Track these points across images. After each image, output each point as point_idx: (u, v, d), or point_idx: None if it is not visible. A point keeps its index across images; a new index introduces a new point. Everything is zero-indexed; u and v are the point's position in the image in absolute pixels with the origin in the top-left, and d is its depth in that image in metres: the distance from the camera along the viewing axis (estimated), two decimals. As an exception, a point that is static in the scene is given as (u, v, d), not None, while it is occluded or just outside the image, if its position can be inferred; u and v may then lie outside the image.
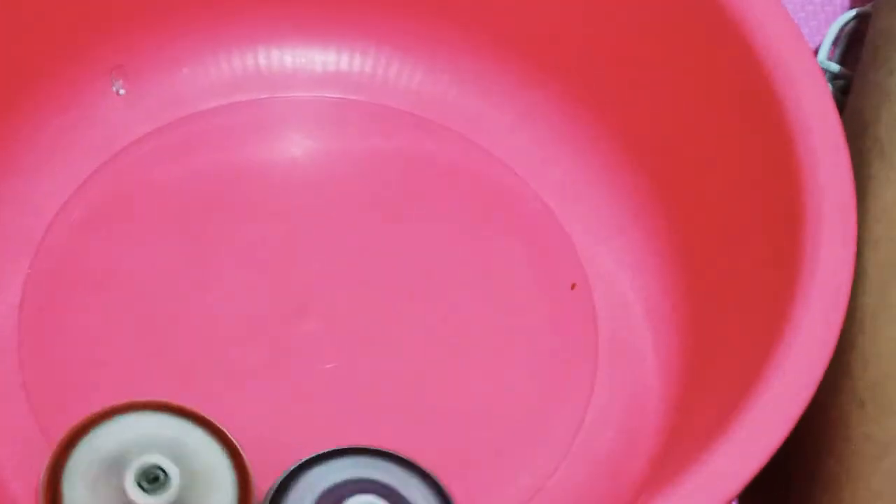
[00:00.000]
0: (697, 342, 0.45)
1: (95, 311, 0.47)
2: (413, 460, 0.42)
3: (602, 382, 0.46)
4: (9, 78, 0.47)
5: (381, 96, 0.51)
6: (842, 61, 0.54)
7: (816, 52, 0.53)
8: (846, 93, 0.52)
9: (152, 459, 0.40)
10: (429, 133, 0.51)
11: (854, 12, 0.54)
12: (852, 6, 0.56)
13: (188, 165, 0.50)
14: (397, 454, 0.42)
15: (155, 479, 0.40)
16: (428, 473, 0.42)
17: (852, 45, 0.54)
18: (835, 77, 0.53)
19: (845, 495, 0.40)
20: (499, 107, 0.51)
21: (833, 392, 0.41)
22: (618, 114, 0.49)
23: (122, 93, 0.50)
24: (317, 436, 0.43)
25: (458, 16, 0.50)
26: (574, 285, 0.48)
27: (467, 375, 0.46)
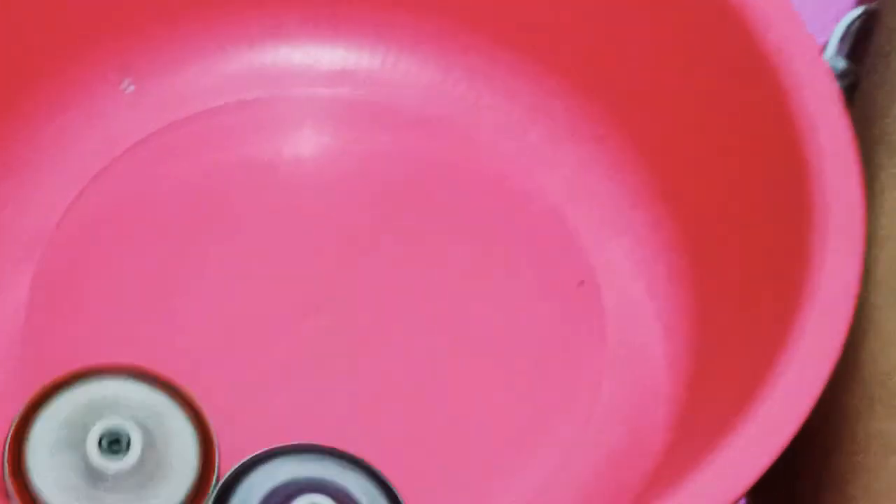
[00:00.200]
0: (705, 340, 0.45)
1: (101, 311, 0.47)
2: (358, 457, 0.42)
3: (609, 380, 0.46)
4: (14, 75, 0.47)
5: (389, 94, 0.51)
6: (849, 58, 0.54)
7: (823, 49, 0.53)
8: (854, 90, 0.51)
9: (114, 423, 0.40)
10: (437, 131, 0.51)
11: (861, 9, 0.54)
12: (860, 3, 0.56)
13: (195, 164, 0.50)
14: (342, 451, 0.42)
15: (116, 443, 0.40)
16: (374, 470, 0.42)
17: (860, 41, 0.54)
18: (842, 74, 0.53)
19: (854, 492, 0.40)
20: (506, 105, 0.51)
21: (841, 389, 0.41)
22: (625, 112, 0.49)
23: (131, 90, 0.50)
24: (325, 434, 0.43)
25: (466, 14, 0.50)
26: (582, 283, 0.48)
27: (474, 373, 0.46)
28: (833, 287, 0.39)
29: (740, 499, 0.36)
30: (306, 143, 0.51)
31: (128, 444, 0.40)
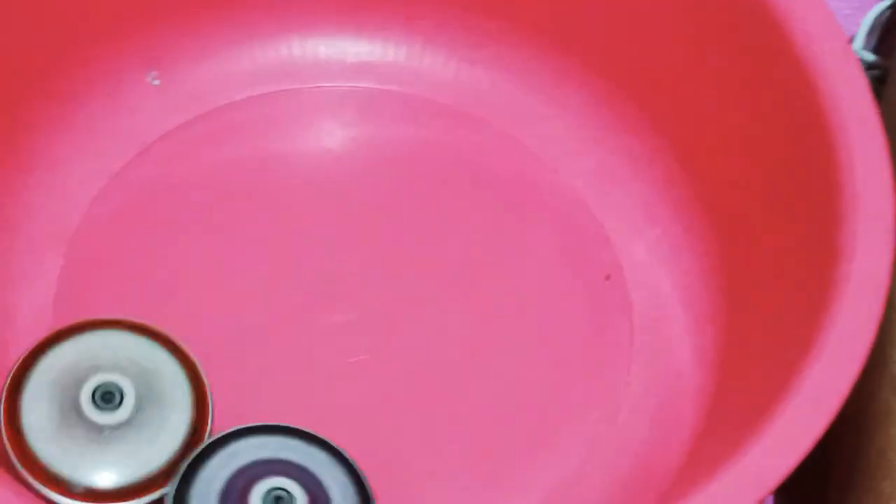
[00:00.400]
0: (734, 333, 0.45)
1: (127, 300, 0.47)
2: (325, 438, 0.42)
3: (637, 373, 0.46)
4: (44, 68, 0.47)
5: (414, 86, 0.51)
6: (877, 50, 0.53)
7: (851, 42, 0.53)
8: (882, 82, 0.51)
9: (108, 378, 0.41)
10: (461, 123, 0.51)
11: (890, 1, 0.54)
12: (887, -5, 0.55)
13: (221, 156, 0.50)
14: (309, 431, 0.42)
15: (110, 397, 0.41)
16: (339, 451, 0.42)
17: (888, 34, 0.54)
18: (870, 66, 0.52)
19: (885, 486, 0.40)
20: (532, 96, 0.51)
21: (872, 385, 0.41)
22: (651, 104, 0.49)
23: (157, 83, 0.50)
24: (345, 426, 0.43)
25: (491, 5, 0.50)
26: (608, 276, 0.48)
27: (500, 366, 0.46)
28: (863, 280, 0.38)
29: (768, 496, 0.36)
30: (330, 136, 0.51)
31: (121, 397, 0.41)
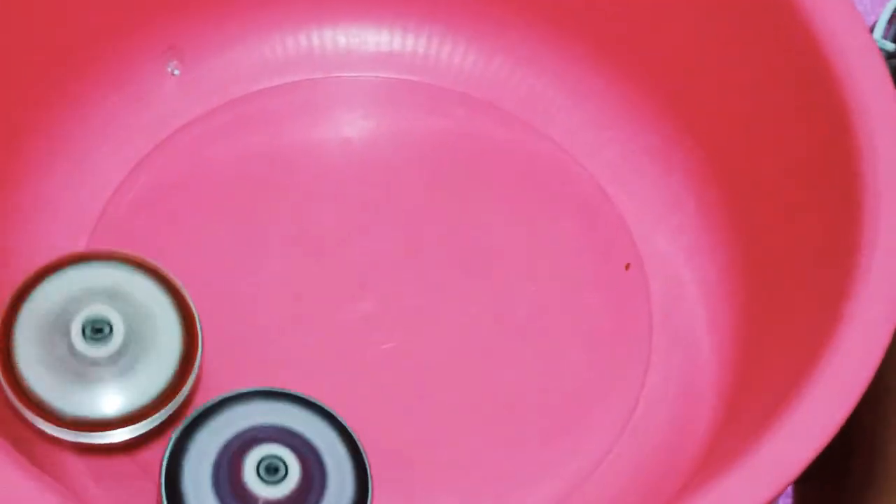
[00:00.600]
0: (753, 323, 0.45)
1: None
2: (319, 402, 0.42)
3: (656, 363, 0.46)
4: (65, 58, 0.47)
5: (435, 76, 0.51)
6: (896, 40, 0.53)
7: (871, 31, 0.53)
8: (901, 72, 0.51)
9: (97, 310, 0.41)
10: (482, 114, 0.51)
11: (910, -10, 0.53)
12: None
13: (242, 146, 0.50)
14: (303, 396, 0.42)
15: (100, 330, 0.41)
16: (335, 416, 0.42)
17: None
18: (890, 56, 0.52)
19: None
20: (552, 87, 0.51)
21: (892, 376, 0.40)
22: (672, 93, 0.49)
23: (177, 73, 0.50)
24: (370, 413, 0.43)
25: (512, -4, 0.50)
26: (628, 266, 0.48)
27: (521, 356, 0.46)
28: (883, 274, 0.38)
29: (787, 488, 0.36)
30: (351, 126, 0.51)
31: (110, 330, 0.41)
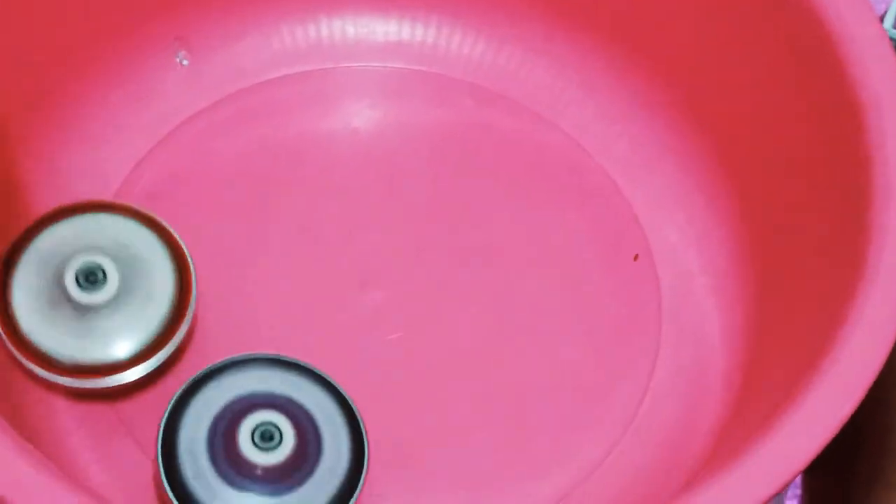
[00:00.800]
0: (762, 313, 0.45)
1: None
2: (316, 369, 0.42)
3: (665, 354, 0.46)
4: (74, 50, 0.47)
5: (444, 66, 0.51)
6: (907, 30, 0.53)
7: (882, 20, 0.53)
8: (912, 62, 0.51)
9: (92, 258, 0.42)
10: (491, 104, 0.51)
11: (920, -20, 0.53)
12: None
13: (251, 136, 0.50)
14: (300, 363, 0.42)
15: (93, 278, 0.42)
16: (332, 384, 0.42)
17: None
18: (900, 46, 0.52)
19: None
20: (562, 78, 0.51)
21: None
22: (682, 85, 0.49)
23: (185, 64, 0.50)
24: (376, 402, 0.43)
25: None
26: (637, 256, 0.48)
27: (530, 346, 0.46)
28: (893, 268, 0.38)
29: (797, 477, 0.36)
30: (359, 116, 0.51)
31: (104, 277, 0.42)
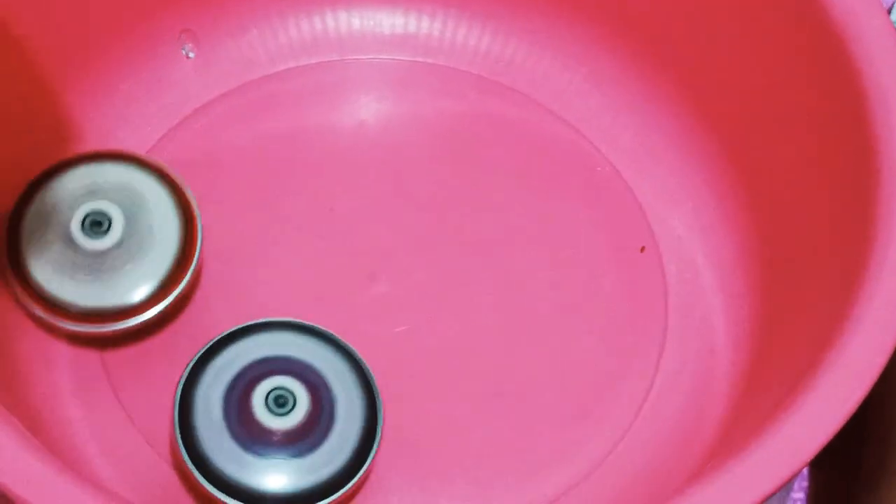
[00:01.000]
0: (768, 306, 0.45)
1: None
2: (330, 333, 0.43)
3: (671, 346, 0.46)
4: (79, 43, 0.47)
5: (450, 59, 0.51)
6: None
7: (890, 11, 0.53)
8: (920, 53, 0.51)
9: (97, 205, 0.43)
10: (497, 96, 0.51)
11: (928, -29, 0.53)
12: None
13: (257, 129, 0.50)
14: (314, 326, 0.43)
15: (98, 225, 0.43)
16: (346, 347, 0.43)
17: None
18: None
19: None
20: (568, 69, 0.51)
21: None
22: (688, 77, 0.49)
23: (192, 56, 0.50)
24: (383, 397, 0.43)
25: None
26: (643, 248, 0.48)
27: (537, 338, 0.46)
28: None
29: (803, 469, 0.36)
30: (368, 108, 0.51)
31: (109, 224, 0.43)
